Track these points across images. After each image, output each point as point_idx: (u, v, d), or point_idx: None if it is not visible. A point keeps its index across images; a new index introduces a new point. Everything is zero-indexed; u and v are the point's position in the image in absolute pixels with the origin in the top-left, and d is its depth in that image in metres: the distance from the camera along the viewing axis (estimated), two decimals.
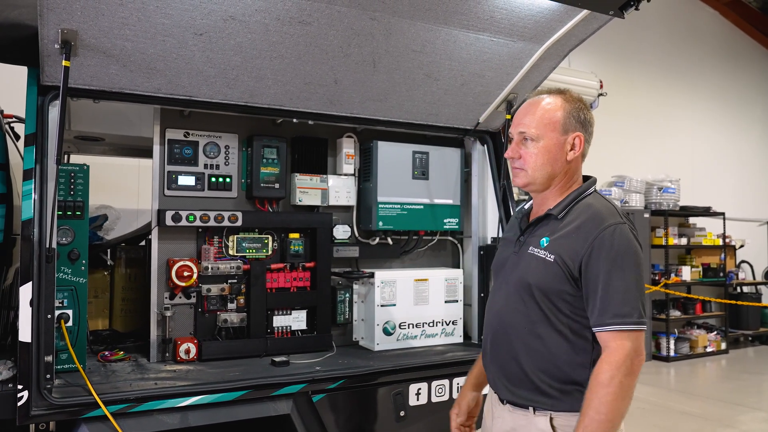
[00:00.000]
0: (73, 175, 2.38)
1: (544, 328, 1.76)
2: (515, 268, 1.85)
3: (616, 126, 8.48)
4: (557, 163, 1.81)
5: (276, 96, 2.53)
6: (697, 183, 9.22)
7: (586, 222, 1.73)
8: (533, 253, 1.80)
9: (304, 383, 2.36)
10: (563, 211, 1.79)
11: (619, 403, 1.59)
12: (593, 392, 1.61)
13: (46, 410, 1.98)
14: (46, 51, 2.06)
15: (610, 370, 1.61)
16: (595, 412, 1.58)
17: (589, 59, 8.00)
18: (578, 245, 1.70)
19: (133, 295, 3.02)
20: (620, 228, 1.71)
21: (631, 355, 1.63)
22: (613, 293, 1.65)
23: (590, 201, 1.79)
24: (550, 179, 1.83)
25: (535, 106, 1.83)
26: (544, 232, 1.80)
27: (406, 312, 2.94)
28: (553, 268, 1.73)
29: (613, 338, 1.64)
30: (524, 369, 1.78)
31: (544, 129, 1.80)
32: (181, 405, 2.16)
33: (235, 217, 2.66)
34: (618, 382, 1.59)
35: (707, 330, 8.70)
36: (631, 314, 1.64)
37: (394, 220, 3.00)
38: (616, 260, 1.67)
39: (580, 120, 1.80)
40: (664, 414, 5.76)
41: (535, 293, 1.76)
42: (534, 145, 1.81)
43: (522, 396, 1.78)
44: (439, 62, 2.60)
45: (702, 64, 9.74)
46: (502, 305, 1.88)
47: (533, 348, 1.77)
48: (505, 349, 1.84)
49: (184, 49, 2.21)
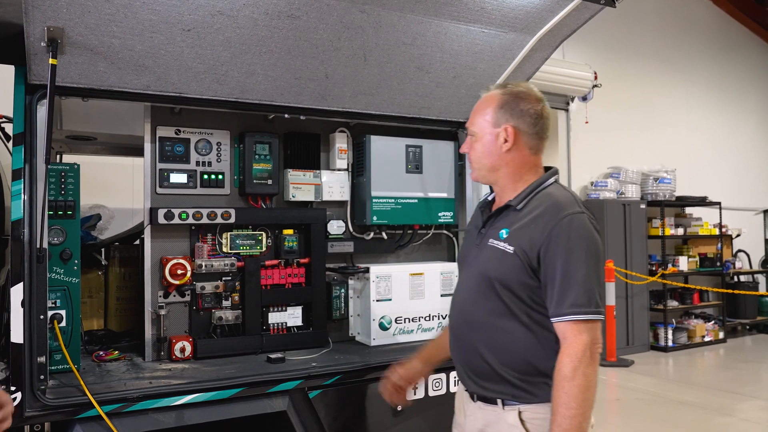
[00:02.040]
0: (63, 175, 2.36)
1: (507, 320, 1.76)
2: (476, 260, 1.85)
3: (611, 117, 8.48)
4: (493, 156, 1.83)
5: (266, 91, 2.51)
6: (693, 173, 9.22)
7: (545, 212, 1.73)
8: (493, 245, 1.80)
9: (300, 379, 2.36)
10: (522, 202, 1.79)
11: (586, 393, 1.61)
12: (559, 387, 1.62)
13: (40, 411, 1.97)
14: (32, 49, 2.04)
15: (571, 362, 1.62)
16: (565, 407, 1.60)
17: (583, 51, 7.98)
18: (536, 235, 1.71)
19: (128, 295, 3.00)
20: (578, 217, 1.71)
21: (590, 345, 1.64)
22: (569, 283, 1.65)
23: (550, 191, 1.80)
24: (493, 172, 1.85)
25: (480, 102, 1.87)
26: (504, 224, 1.81)
27: (402, 306, 2.93)
28: (512, 260, 1.73)
29: (570, 329, 1.65)
30: (489, 362, 1.78)
31: (480, 124, 1.85)
32: (177, 403, 2.15)
33: (228, 214, 2.65)
34: (581, 374, 1.61)
35: (705, 320, 8.72)
36: (588, 304, 1.65)
37: (389, 215, 2.98)
38: (573, 250, 1.67)
39: (515, 112, 1.80)
40: (663, 404, 5.78)
41: (497, 286, 1.76)
42: (474, 140, 1.87)
43: (490, 389, 1.79)
44: (431, 55, 2.58)
45: (697, 54, 9.73)
46: (464, 299, 1.88)
47: (497, 341, 1.77)
48: (469, 343, 1.84)
49: (173, 45, 2.19)
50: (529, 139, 1.81)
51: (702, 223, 8.88)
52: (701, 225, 8.86)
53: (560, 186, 1.84)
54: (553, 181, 1.85)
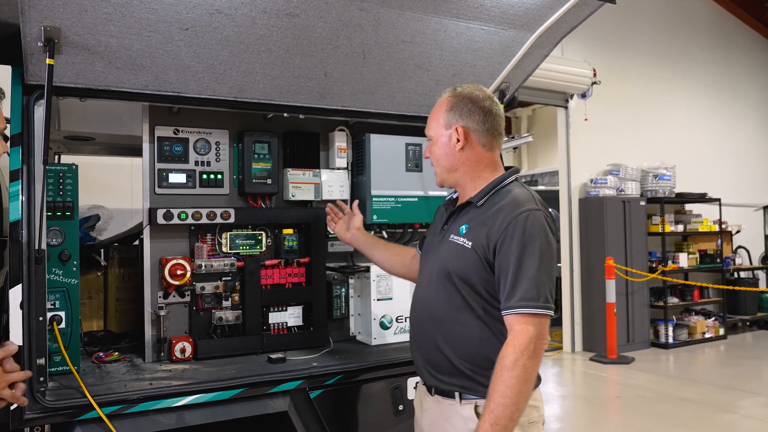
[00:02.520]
0: (61, 175, 2.34)
1: (466, 315, 1.80)
2: (437, 255, 1.90)
3: (611, 114, 8.46)
4: (450, 157, 1.90)
5: (265, 90, 2.50)
6: (693, 170, 9.22)
7: (502, 208, 1.78)
8: (453, 241, 1.85)
9: (301, 380, 2.35)
10: (482, 199, 1.85)
11: (524, 386, 1.64)
12: (498, 376, 1.65)
13: (39, 414, 1.96)
14: (29, 49, 2.03)
15: (514, 353, 1.65)
16: (500, 395, 1.63)
17: (582, 48, 7.97)
18: (493, 230, 1.75)
19: (128, 295, 2.99)
20: (534, 214, 1.75)
21: (534, 339, 1.67)
22: (521, 277, 1.69)
23: (509, 189, 1.86)
24: (453, 173, 1.92)
25: (435, 107, 1.96)
26: (464, 220, 1.86)
27: (403, 305, 2.91)
28: (470, 255, 1.78)
29: (517, 321, 1.68)
30: (447, 356, 1.81)
31: (434, 128, 1.94)
32: (177, 405, 2.14)
33: (227, 213, 2.63)
34: (522, 365, 1.63)
35: (705, 316, 8.72)
36: (537, 298, 1.68)
37: (389, 214, 2.97)
38: (527, 245, 1.70)
39: (464, 112, 1.88)
40: (663, 401, 5.77)
41: (455, 280, 1.80)
42: (431, 144, 1.96)
43: (447, 382, 1.82)
44: (430, 52, 2.57)
45: (696, 51, 9.72)
46: (425, 293, 1.92)
47: (456, 335, 1.81)
48: (428, 337, 1.88)
49: (170, 44, 2.17)
50: (480, 136, 1.89)
51: (702, 220, 8.88)
52: (701, 221, 8.86)
53: (520, 184, 1.91)
54: (513, 179, 1.91)
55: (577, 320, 7.97)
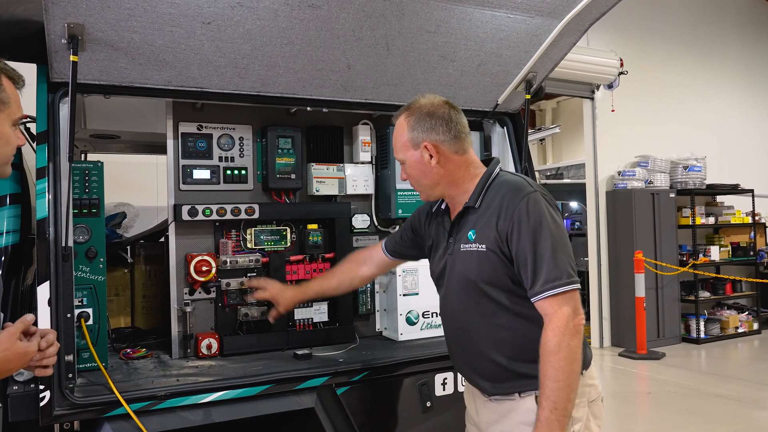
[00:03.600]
0: (87, 173, 2.35)
1: (503, 316, 1.79)
2: (454, 269, 1.88)
3: (638, 105, 8.29)
4: (429, 174, 1.88)
5: (288, 84, 2.47)
6: (724, 160, 8.99)
7: (502, 200, 1.77)
8: (465, 250, 1.84)
9: (327, 376, 2.32)
10: (478, 200, 1.84)
11: (572, 365, 1.65)
12: (546, 362, 1.66)
13: (68, 410, 1.97)
14: (53, 47, 2.03)
15: (555, 336, 1.66)
16: (552, 380, 1.63)
17: (608, 38, 7.82)
18: (501, 224, 1.75)
19: (154, 292, 3.01)
20: (532, 197, 1.75)
21: (571, 317, 1.66)
22: (539, 261, 1.69)
23: (500, 180, 1.85)
24: (436, 188, 1.91)
25: (395, 132, 1.93)
26: (469, 226, 1.85)
27: (429, 300, 2.87)
28: (488, 257, 1.77)
29: (549, 304, 1.68)
30: (498, 362, 1.81)
31: (403, 151, 1.92)
32: (204, 401, 2.13)
33: (251, 209, 2.62)
34: (566, 346, 1.64)
35: (738, 310, 8.52)
36: (560, 276, 1.68)
37: (414, 208, 2.90)
38: (536, 229, 1.71)
39: (426, 127, 1.86)
40: (696, 397, 5.64)
41: (482, 287, 1.79)
42: (406, 166, 1.94)
43: (505, 386, 1.82)
44: (455, 42, 2.52)
45: (726, 38, 9.46)
46: (455, 309, 1.90)
47: (499, 339, 1.80)
48: (472, 352, 1.87)
49: (193, 39, 2.16)
50: (450, 145, 1.87)
51: (734, 212, 8.66)
52: (733, 213, 8.64)
53: (507, 172, 1.91)
54: (499, 170, 1.90)
55: (606, 315, 7.84)
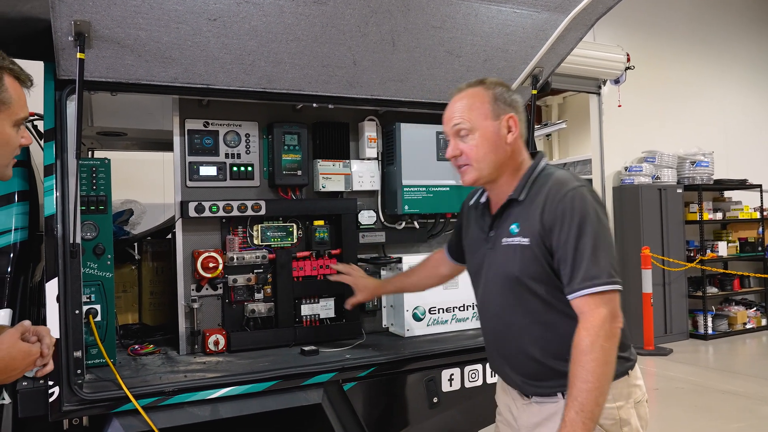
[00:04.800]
0: (94, 170, 2.36)
1: (546, 313, 1.74)
2: (494, 264, 1.83)
3: (645, 100, 8.24)
4: (500, 149, 1.80)
5: (294, 80, 2.47)
6: (732, 155, 8.93)
7: (548, 194, 1.72)
8: (507, 244, 1.78)
9: (334, 372, 2.33)
10: (523, 192, 1.78)
11: (604, 368, 1.58)
12: (576, 362, 1.60)
13: (77, 405, 1.98)
14: (60, 44, 2.04)
15: (588, 336, 1.59)
16: (582, 381, 1.57)
17: (614, 32, 7.77)
18: (545, 218, 1.70)
19: (161, 289, 3.02)
20: (578, 191, 1.70)
21: (608, 319, 1.60)
22: (579, 258, 1.63)
23: (546, 174, 1.80)
24: (498, 167, 1.82)
25: (461, 99, 1.84)
26: (512, 219, 1.79)
27: (436, 297, 2.87)
28: (531, 251, 1.72)
29: (586, 304, 1.62)
30: (540, 361, 1.76)
31: (477, 119, 1.80)
32: (212, 397, 2.14)
33: (258, 206, 2.62)
34: (599, 347, 1.58)
35: (746, 306, 8.47)
36: (600, 275, 1.62)
37: (420, 204, 2.93)
38: (580, 225, 1.65)
39: (508, 102, 1.81)
40: (704, 394, 5.62)
41: (525, 282, 1.74)
42: (472, 138, 1.81)
43: (547, 386, 1.76)
44: (461, 38, 2.51)
45: (733, 32, 9.39)
46: (496, 306, 1.85)
47: (542, 337, 1.75)
48: (514, 350, 1.82)
49: (199, 35, 2.16)
50: (522, 126, 1.84)
51: (742, 207, 8.61)
52: (741, 209, 8.59)
53: (553, 167, 1.85)
54: (545, 165, 1.86)
55: None
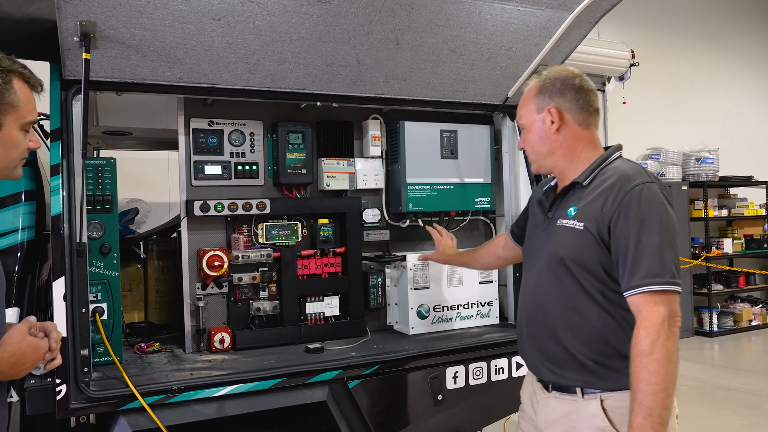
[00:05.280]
0: (100, 169, 2.37)
1: (583, 301, 1.69)
2: (546, 243, 1.81)
3: (650, 97, 8.22)
4: (546, 141, 1.81)
5: (298, 79, 2.48)
6: (737, 152, 8.90)
7: (614, 184, 1.68)
8: (562, 225, 1.76)
9: (339, 369, 2.34)
10: (588, 178, 1.75)
11: (668, 368, 1.51)
12: (638, 363, 1.54)
13: (84, 403, 2.00)
14: (66, 44, 2.05)
15: (649, 335, 1.53)
16: (646, 383, 1.51)
17: (619, 29, 7.75)
18: (606, 207, 1.65)
19: (167, 287, 3.03)
20: (648, 186, 1.65)
21: (668, 318, 1.55)
22: (642, 254, 1.57)
23: (616, 165, 1.76)
24: (550, 157, 1.82)
25: (524, 94, 1.88)
26: (571, 202, 1.77)
27: (440, 294, 2.88)
28: (583, 236, 1.68)
29: (645, 302, 1.57)
30: (566, 347, 1.71)
31: (525, 115, 1.86)
32: (218, 395, 2.15)
33: (263, 204, 2.64)
34: (661, 347, 1.52)
35: (752, 303, 8.45)
36: (663, 274, 1.56)
37: (424, 202, 2.94)
38: (645, 220, 1.60)
39: (554, 92, 1.80)
40: (710, 391, 5.61)
41: (569, 265, 1.70)
42: (527, 133, 1.87)
43: (567, 377, 1.72)
44: (464, 36, 2.51)
45: (739, 28, 9.35)
46: (535, 284, 1.83)
47: (574, 324, 1.71)
48: (543, 329, 1.78)
49: (203, 35, 2.17)
50: (575, 114, 1.79)
51: (747, 204, 8.59)
52: (746, 206, 8.56)
53: (626, 160, 1.80)
54: (618, 156, 1.81)
55: None
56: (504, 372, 2.65)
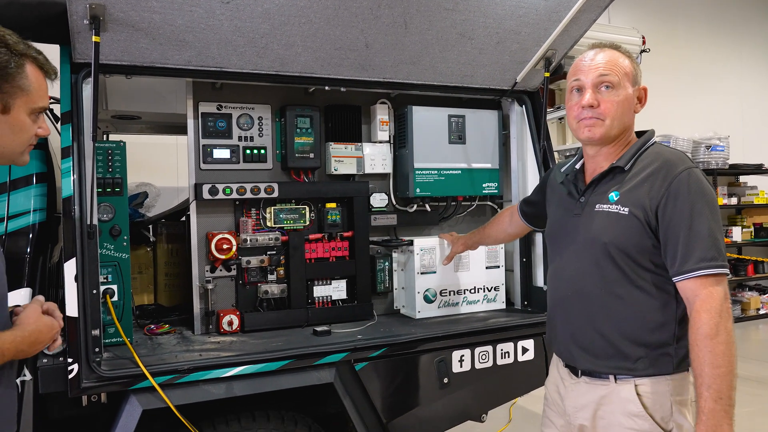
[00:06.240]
0: (110, 152, 2.39)
1: (624, 287, 1.69)
2: (582, 229, 1.78)
3: (660, 83, 8.14)
4: (627, 115, 1.78)
5: (306, 63, 2.48)
6: (748, 140, 8.82)
7: (659, 168, 1.67)
8: (603, 210, 1.73)
9: (346, 352, 2.36)
10: (629, 162, 1.73)
11: (732, 349, 1.53)
12: (702, 347, 1.53)
13: (96, 382, 2.03)
14: (75, 27, 2.06)
15: (711, 319, 1.53)
16: (713, 367, 1.50)
17: (629, 14, 7.67)
18: (653, 192, 1.65)
19: (176, 270, 3.06)
20: (694, 171, 1.65)
21: (725, 298, 1.57)
22: (695, 238, 1.58)
23: (657, 149, 1.75)
24: (622, 132, 1.79)
25: (608, 54, 1.78)
26: (612, 187, 1.74)
27: (447, 279, 2.90)
28: (628, 222, 1.67)
29: (702, 285, 1.57)
30: (604, 334, 1.71)
31: (623, 78, 1.77)
32: (226, 375, 2.18)
33: (271, 188, 2.65)
34: (723, 329, 1.53)
35: (760, 292, 8.42)
36: (717, 257, 1.58)
37: (432, 187, 2.94)
38: (695, 204, 1.60)
39: (639, 73, 1.80)
40: None
41: (612, 251, 1.69)
42: (614, 93, 1.75)
43: (603, 364, 1.71)
44: (473, 20, 2.50)
45: (750, 15, 9.22)
46: (572, 270, 1.80)
47: (613, 310, 1.70)
48: (580, 316, 1.77)
49: (212, 18, 2.17)
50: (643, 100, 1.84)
51: (757, 192, 8.53)
52: (756, 194, 8.51)
53: (663, 144, 1.79)
54: (654, 141, 1.81)
55: None
56: (510, 356, 2.67)
